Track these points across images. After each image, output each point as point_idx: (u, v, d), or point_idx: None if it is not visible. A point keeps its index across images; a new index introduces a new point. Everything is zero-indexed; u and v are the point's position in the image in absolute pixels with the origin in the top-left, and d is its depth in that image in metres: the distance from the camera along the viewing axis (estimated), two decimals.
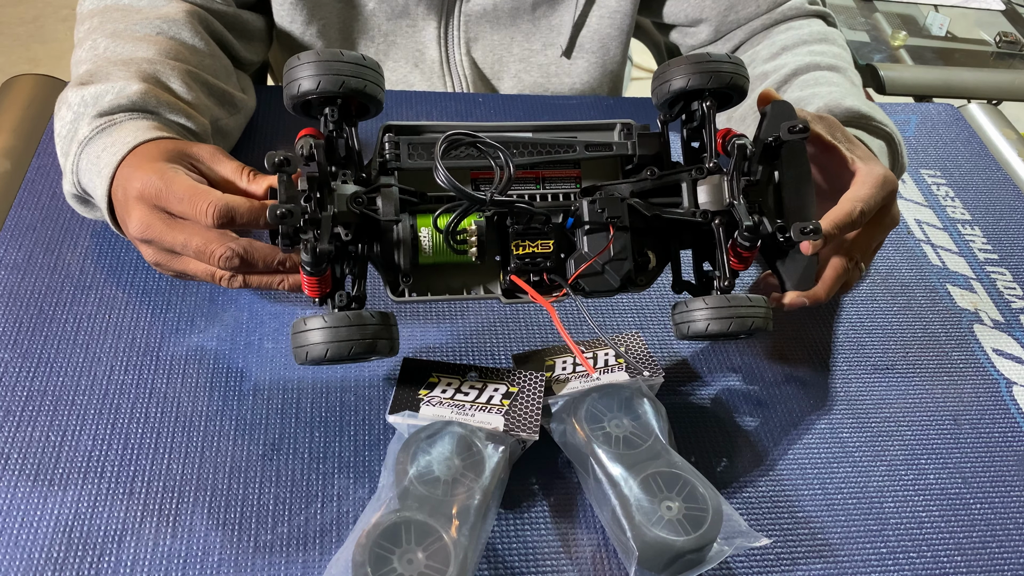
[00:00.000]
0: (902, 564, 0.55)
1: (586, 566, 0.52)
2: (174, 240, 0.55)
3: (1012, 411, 0.65)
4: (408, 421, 0.55)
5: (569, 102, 0.89)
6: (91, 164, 0.60)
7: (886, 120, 0.72)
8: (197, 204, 0.54)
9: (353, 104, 0.55)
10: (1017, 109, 1.55)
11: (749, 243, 0.56)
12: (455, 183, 0.51)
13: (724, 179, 0.57)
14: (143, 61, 0.66)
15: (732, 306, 0.54)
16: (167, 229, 0.56)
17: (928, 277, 0.76)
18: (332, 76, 0.53)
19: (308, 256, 0.51)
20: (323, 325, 0.51)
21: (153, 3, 0.72)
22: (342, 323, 0.51)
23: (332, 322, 0.51)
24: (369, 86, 0.54)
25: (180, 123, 0.64)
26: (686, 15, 0.87)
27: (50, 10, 2.48)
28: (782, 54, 0.81)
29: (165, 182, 0.55)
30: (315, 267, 0.52)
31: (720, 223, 0.57)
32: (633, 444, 0.55)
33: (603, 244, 0.56)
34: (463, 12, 0.87)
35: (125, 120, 0.61)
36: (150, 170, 0.56)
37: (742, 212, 0.56)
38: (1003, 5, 1.57)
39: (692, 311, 0.55)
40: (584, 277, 0.56)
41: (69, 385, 0.58)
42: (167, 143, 0.59)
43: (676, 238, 0.59)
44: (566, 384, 0.59)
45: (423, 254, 0.55)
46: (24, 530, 0.51)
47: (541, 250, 0.56)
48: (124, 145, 0.58)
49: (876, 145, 0.70)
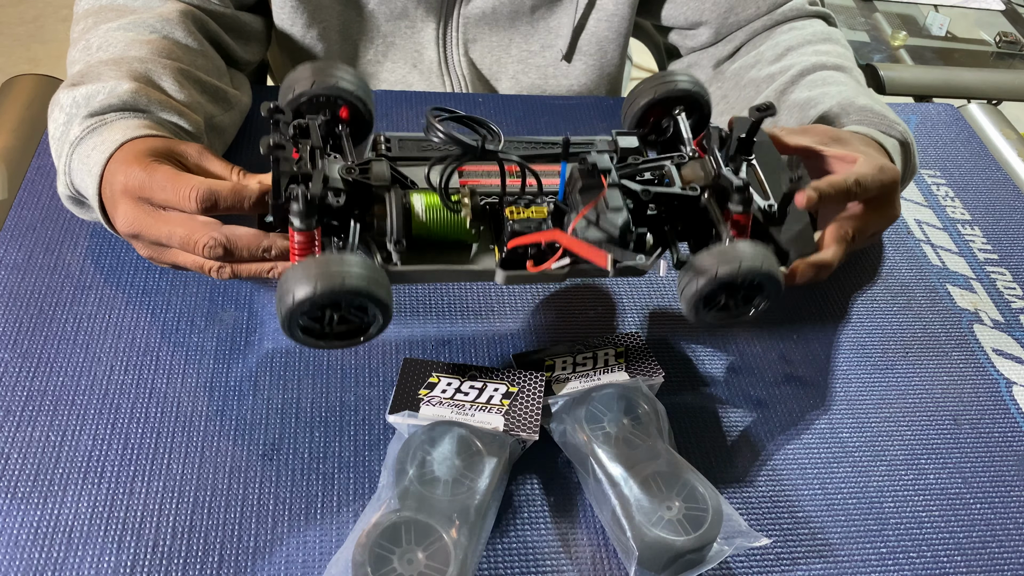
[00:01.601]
0: (902, 564, 0.55)
1: (586, 566, 0.52)
2: (159, 232, 0.55)
3: (1012, 411, 0.65)
4: (408, 421, 0.55)
5: (568, 102, 0.89)
6: (81, 164, 0.60)
7: (898, 119, 0.72)
8: (179, 190, 0.54)
9: (344, 114, 0.58)
10: (1017, 109, 1.55)
11: (742, 205, 0.55)
12: (448, 131, 0.50)
13: (706, 159, 0.58)
14: (134, 60, 0.65)
15: (738, 250, 0.52)
16: (152, 222, 0.56)
17: (928, 277, 0.76)
18: (324, 78, 0.56)
19: (299, 205, 0.49)
20: (312, 263, 0.47)
21: (148, 3, 0.72)
22: (331, 260, 0.48)
23: (321, 259, 0.47)
24: (357, 91, 0.58)
25: (173, 121, 0.64)
26: (686, 18, 0.87)
27: (50, 10, 2.48)
28: (787, 54, 0.81)
29: (148, 172, 0.55)
30: (306, 218, 0.50)
31: (711, 196, 0.57)
32: (633, 444, 0.55)
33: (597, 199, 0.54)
34: (462, 14, 0.87)
35: (116, 119, 0.61)
36: (133, 163, 0.56)
37: (730, 176, 0.56)
38: (1003, 5, 1.57)
39: (697, 263, 0.52)
40: (582, 233, 0.54)
41: (69, 385, 0.58)
42: (155, 140, 0.59)
43: (670, 223, 0.58)
44: (566, 384, 0.59)
45: (416, 220, 0.53)
46: (24, 530, 0.51)
47: (536, 215, 0.54)
48: (112, 143, 0.58)
49: (890, 144, 0.70)
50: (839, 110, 0.72)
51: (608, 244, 0.53)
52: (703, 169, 0.58)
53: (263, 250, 0.55)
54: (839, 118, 0.72)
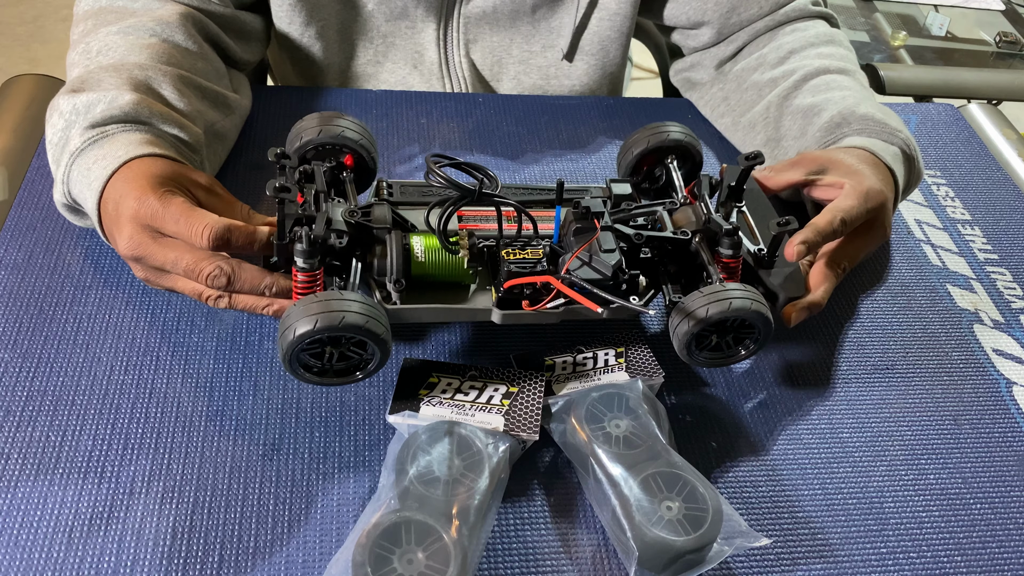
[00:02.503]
0: (902, 564, 0.55)
1: (586, 566, 0.52)
2: (164, 258, 0.56)
3: (1012, 411, 0.65)
4: (408, 421, 0.55)
5: (569, 102, 0.89)
6: (82, 176, 0.60)
7: (901, 126, 0.72)
8: (193, 225, 0.54)
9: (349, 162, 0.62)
10: (1017, 109, 1.55)
11: (732, 249, 0.58)
12: (446, 176, 0.53)
13: (697, 205, 0.61)
14: (135, 67, 0.65)
15: (728, 290, 0.54)
16: (158, 248, 0.56)
17: (928, 277, 0.76)
18: (330, 127, 0.60)
19: (303, 245, 0.51)
20: (313, 300, 0.50)
21: (147, 5, 0.72)
22: (332, 296, 0.50)
23: (322, 297, 0.50)
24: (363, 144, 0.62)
25: (173, 134, 0.64)
26: (688, 17, 0.86)
27: (50, 10, 2.48)
28: (790, 57, 0.81)
29: (162, 204, 0.55)
30: (309, 258, 0.52)
31: (701, 239, 0.59)
32: (633, 444, 0.55)
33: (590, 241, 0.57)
34: (462, 14, 0.86)
35: (117, 132, 0.61)
36: (147, 192, 0.56)
37: (719, 220, 0.58)
38: (1003, 5, 1.57)
39: (689, 304, 0.55)
40: (575, 271, 0.55)
41: (69, 385, 0.58)
42: (164, 164, 0.59)
43: (663, 267, 0.60)
44: (566, 384, 0.59)
45: (415, 261, 0.56)
46: (24, 530, 0.51)
47: (532, 256, 0.56)
48: (115, 159, 0.58)
49: (891, 153, 0.70)
50: (840, 119, 0.72)
51: (601, 285, 0.55)
52: (694, 214, 0.61)
53: (264, 286, 0.56)
54: (840, 128, 0.72)
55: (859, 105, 0.73)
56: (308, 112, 0.64)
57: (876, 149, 0.69)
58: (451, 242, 0.56)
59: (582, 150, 0.84)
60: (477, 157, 0.81)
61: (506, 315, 0.57)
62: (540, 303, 0.56)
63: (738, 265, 0.59)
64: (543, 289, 0.56)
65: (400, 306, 0.55)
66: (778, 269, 0.61)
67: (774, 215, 0.62)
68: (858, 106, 0.73)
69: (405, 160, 0.79)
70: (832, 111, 0.73)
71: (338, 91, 0.86)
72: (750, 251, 0.60)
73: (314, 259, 0.52)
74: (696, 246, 0.59)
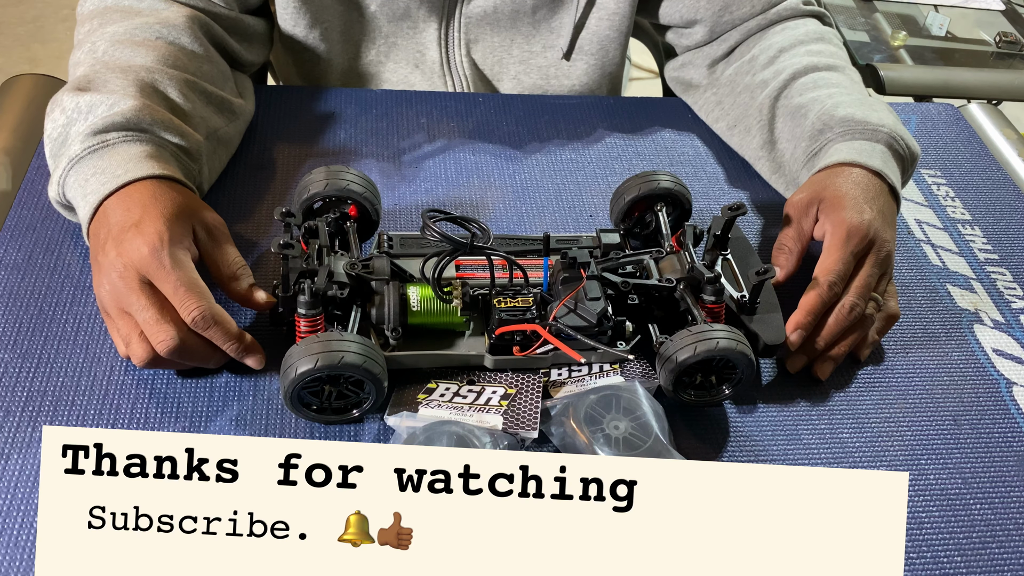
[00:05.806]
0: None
1: None
2: (137, 304, 0.55)
3: (1012, 411, 0.65)
4: (406, 422, 0.55)
5: (569, 102, 0.90)
6: (79, 184, 0.60)
7: (883, 120, 0.72)
8: (185, 303, 0.54)
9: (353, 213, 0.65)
10: (1017, 109, 1.55)
11: (715, 296, 0.60)
12: (440, 230, 0.57)
13: (682, 254, 0.64)
14: (141, 69, 0.65)
15: (714, 330, 0.57)
16: (137, 296, 0.55)
17: (928, 277, 0.76)
18: (335, 181, 0.64)
19: (306, 296, 0.55)
20: (314, 340, 0.53)
21: (153, 6, 0.72)
22: (332, 337, 0.53)
23: (323, 337, 0.53)
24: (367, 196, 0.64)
25: (174, 141, 0.64)
26: (681, 16, 0.87)
27: (50, 10, 2.48)
28: (779, 56, 0.81)
29: (172, 267, 0.55)
30: (311, 308, 0.55)
31: (685, 287, 0.61)
32: (633, 445, 0.55)
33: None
34: (463, 14, 0.87)
35: (117, 142, 0.61)
36: (159, 246, 0.55)
37: (702, 268, 0.61)
38: (1003, 5, 1.57)
39: (676, 342, 0.57)
40: (562, 318, 0.58)
41: (69, 385, 0.58)
42: (172, 198, 0.58)
43: (648, 313, 0.63)
44: (562, 388, 0.59)
45: (411, 311, 0.59)
46: (24, 530, 0.51)
47: (522, 304, 0.59)
48: (114, 177, 0.59)
49: (878, 152, 0.70)
50: (821, 125, 0.73)
51: (587, 332, 0.58)
52: (679, 263, 0.63)
53: (233, 338, 0.57)
54: (823, 134, 0.73)
55: (839, 107, 0.73)
56: (308, 112, 0.65)
57: (860, 157, 0.69)
58: (445, 292, 0.59)
59: (582, 149, 0.84)
60: (477, 156, 0.81)
61: (498, 360, 0.59)
62: (530, 348, 0.59)
63: (721, 310, 0.61)
64: (532, 336, 0.58)
65: (397, 353, 0.58)
66: (760, 316, 0.63)
67: (758, 263, 0.64)
68: (838, 108, 0.73)
69: (407, 160, 0.79)
70: (812, 118, 0.74)
71: (339, 91, 0.86)
72: (733, 297, 0.63)
73: (316, 309, 0.56)
74: (681, 292, 0.61)
